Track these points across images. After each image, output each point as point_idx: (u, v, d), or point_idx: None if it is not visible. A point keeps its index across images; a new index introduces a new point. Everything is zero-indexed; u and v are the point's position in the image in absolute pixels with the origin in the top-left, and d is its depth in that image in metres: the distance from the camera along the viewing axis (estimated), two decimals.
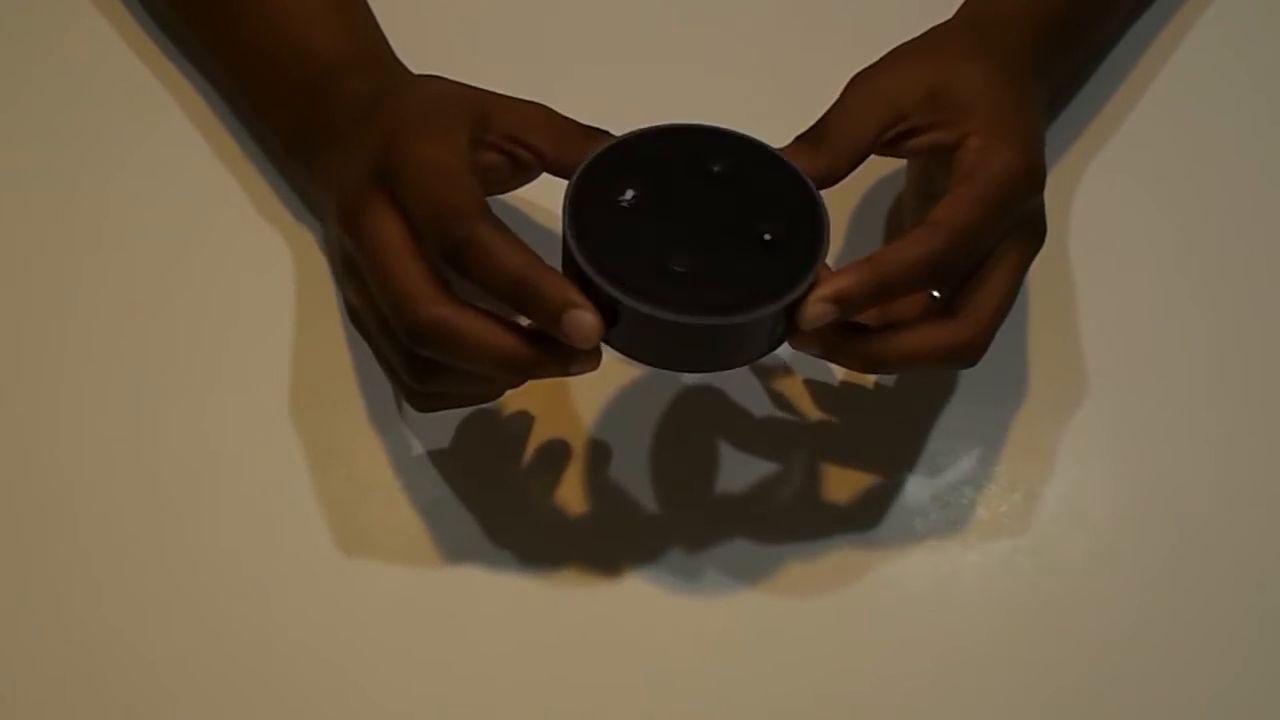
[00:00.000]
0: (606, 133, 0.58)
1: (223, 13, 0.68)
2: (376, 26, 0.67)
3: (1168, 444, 0.66)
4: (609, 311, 0.53)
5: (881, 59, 0.61)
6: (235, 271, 0.69)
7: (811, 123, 0.59)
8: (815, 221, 0.55)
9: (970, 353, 0.58)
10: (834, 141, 0.58)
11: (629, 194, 0.54)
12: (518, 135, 0.58)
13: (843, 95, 0.59)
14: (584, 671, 0.62)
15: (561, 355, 0.55)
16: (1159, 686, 0.61)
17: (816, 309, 0.54)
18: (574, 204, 0.54)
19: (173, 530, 0.64)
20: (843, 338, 0.57)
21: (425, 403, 0.59)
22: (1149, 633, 0.62)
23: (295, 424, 0.66)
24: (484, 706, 0.61)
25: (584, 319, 0.53)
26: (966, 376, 0.67)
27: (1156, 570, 0.63)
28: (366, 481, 0.65)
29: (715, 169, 0.56)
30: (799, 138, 0.58)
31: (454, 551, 0.64)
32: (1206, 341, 0.68)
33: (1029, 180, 0.58)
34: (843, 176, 0.58)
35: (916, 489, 0.65)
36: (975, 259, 0.57)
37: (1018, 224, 0.58)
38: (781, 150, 0.58)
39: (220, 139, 0.72)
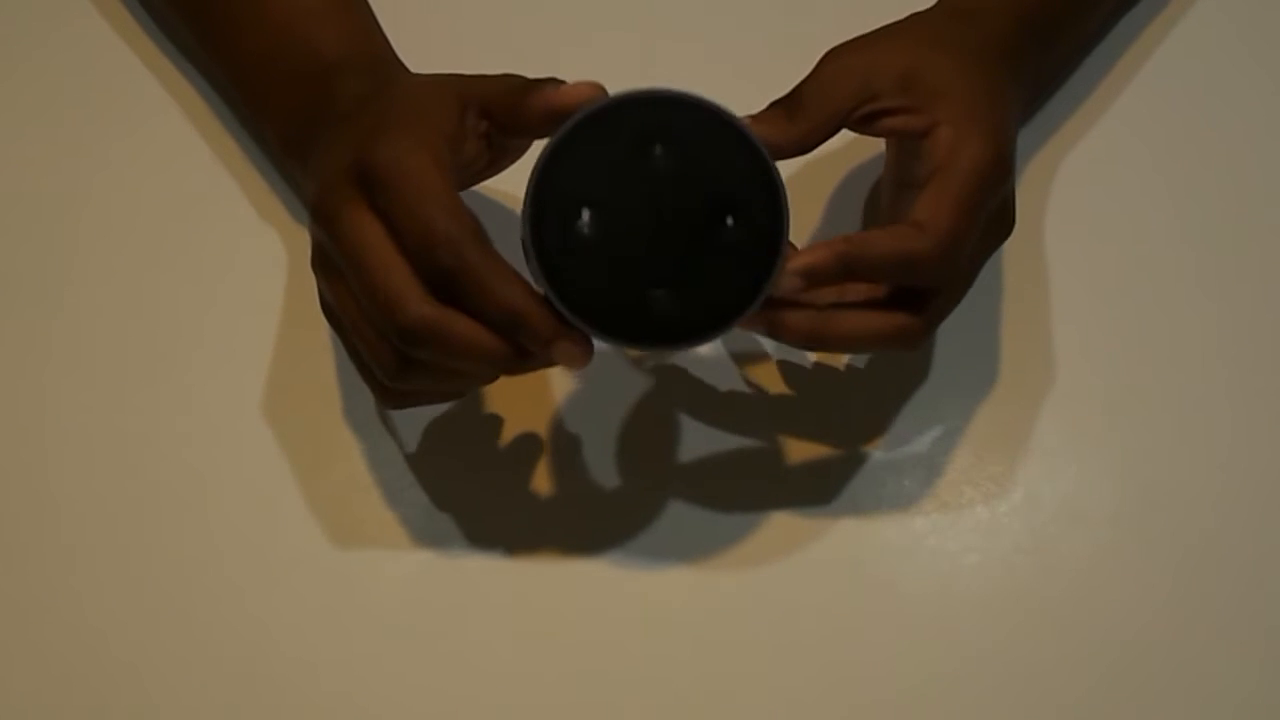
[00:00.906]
0: (552, 79, 0.57)
1: (221, 9, 0.68)
2: (377, 25, 0.67)
3: (1168, 443, 0.66)
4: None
5: (856, 38, 0.61)
6: (233, 270, 0.69)
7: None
8: (772, 193, 0.55)
9: (914, 339, 0.58)
10: (808, 111, 0.58)
11: (585, 217, 0.54)
12: (483, 109, 0.58)
13: (817, 67, 0.59)
14: (583, 670, 0.62)
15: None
16: (1159, 686, 0.61)
17: (784, 282, 0.55)
18: (536, 243, 0.54)
19: (171, 530, 0.64)
20: (784, 313, 0.57)
21: (398, 400, 0.59)
22: (1149, 632, 0.62)
23: (294, 424, 0.66)
24: (483, 704, 0.61)
25: (574, 350, 0.55)
26: (966, 375, 0.66)
27: (1156, 570, 0.63)
28: (366, 481, 0.65)
29: (663, 150, 0.54)
30: (774, 104, 0.59)
31: (453, 551, 0.64)
32: (1207, 340, 0.67)
33: (999, 169, 0.58)
34: (814, 146, 0.58)
35: (916, 488, 0.65)
36: (957, 269, 0.57)
37: (990, 214, 0.59)
38: (755, 115, 0.58)
39: (217, 137, 0.72)
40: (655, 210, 0.54)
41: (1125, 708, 0.61)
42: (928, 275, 0.57)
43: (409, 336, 0.54)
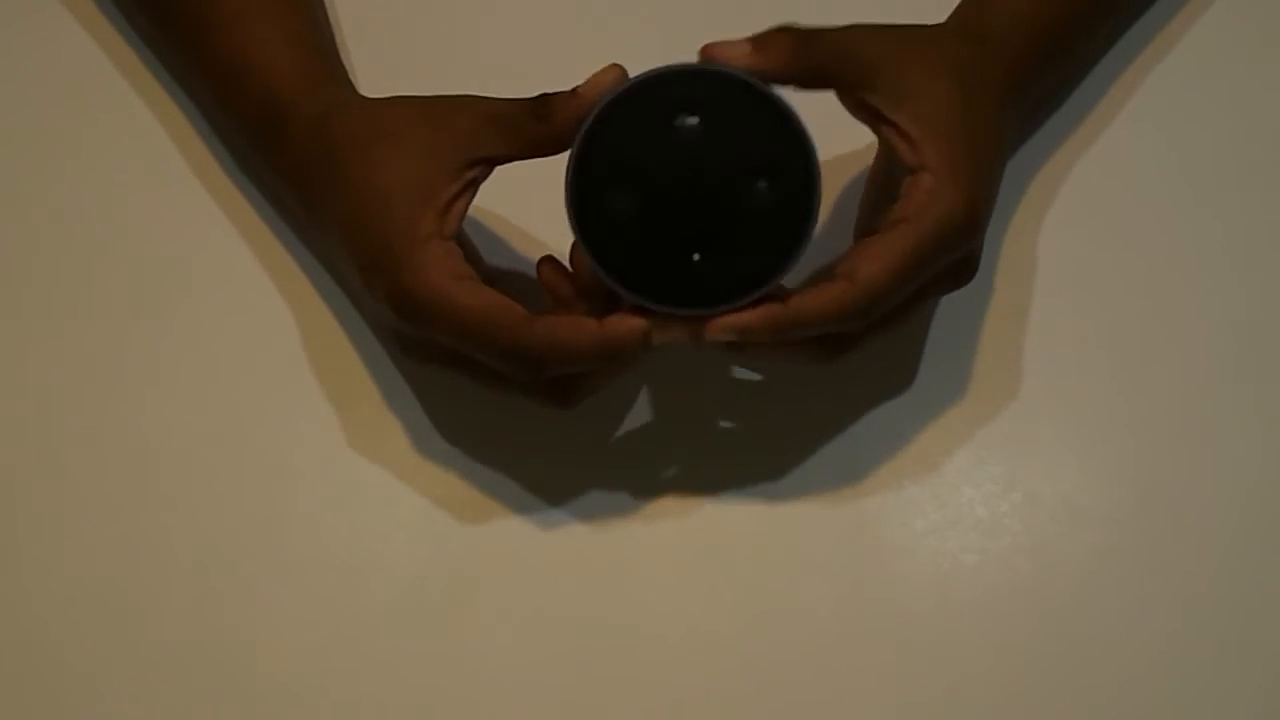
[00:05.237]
0: (549, 95, 0.57)
1: (190, 35, 0.67)
2: (327, 47, 0.67)
3: (1168, 443, 0.66)
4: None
5: (881, 26, 0.60)
6: (237, 269, 0.69)
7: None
8: (804, 152, 0.56)
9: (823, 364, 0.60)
10: (819, 50, 0.58)
11: (624, 193, 0.56)
12: (477, 158, 0.58)
13: (842, 29, 0.59)
14: (581, 668, 0.62)
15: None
16: (1159, 686, 0.62)
17: (717, 332, 0.56)
18: (579, 220, 0.56)
19: (172, 530, 0.64)
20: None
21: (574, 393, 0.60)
22: (1148, 632, 0.62)
23: (296, 423, 0.66)
24: (484, 705, 0.61)
25: (669, 335, 0.57)
26: (967, 376, 0.67)
27: (1156, 570, 0.63)
28: (367, 480, 0.65)
29: (695, 121, 0.56)
30: (778, 31, 0.58)
31: (454, 551, 0.64)
32: (1207, 340, 0.68)
33: (968, 228, 0.58)
34: (798, 76, 0.58)
35: (915, 488, 0.65)
36: (892, 306, 0.58)
37: (947, 266, 0.59)
38: (754, 39, 0.57)
39: (208, 130, 0.72)
40: (691, 180, 0.56)
41: (1124, 707, 0.61)
42: (864, 317, 0.57)
43: (541, 364, 0.57)
